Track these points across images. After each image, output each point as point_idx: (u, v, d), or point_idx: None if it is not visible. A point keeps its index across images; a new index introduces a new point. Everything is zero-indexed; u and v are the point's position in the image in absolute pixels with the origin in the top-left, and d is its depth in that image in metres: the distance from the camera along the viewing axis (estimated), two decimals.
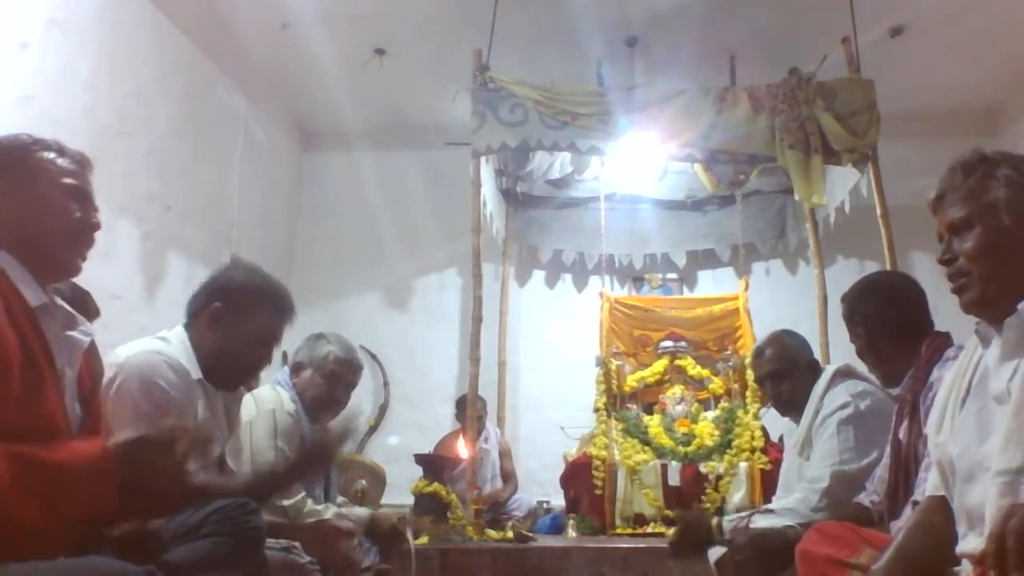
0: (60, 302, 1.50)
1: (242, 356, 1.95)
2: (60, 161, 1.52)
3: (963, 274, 1.34)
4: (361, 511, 2.56)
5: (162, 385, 1.77)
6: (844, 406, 2.27)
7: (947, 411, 1.39)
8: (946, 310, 2.01)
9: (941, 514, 1.36)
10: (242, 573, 1.51)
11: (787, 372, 2.50)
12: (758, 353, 2.62)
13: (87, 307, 2.53)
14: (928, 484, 1.46)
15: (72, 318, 1.51)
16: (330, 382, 2.52)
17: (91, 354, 1.56)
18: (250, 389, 2.38)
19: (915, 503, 1.66)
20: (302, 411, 2.45)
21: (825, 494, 2.16)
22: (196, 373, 1.88)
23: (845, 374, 2.40)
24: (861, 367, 2.31)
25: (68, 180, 1.52)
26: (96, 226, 1.55)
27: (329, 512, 2.37)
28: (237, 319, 1.93)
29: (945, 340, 1.89)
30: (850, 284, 2.19)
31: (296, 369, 2.52)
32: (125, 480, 1.34)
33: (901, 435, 1.85)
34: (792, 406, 2.50)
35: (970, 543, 1.27)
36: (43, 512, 1.24)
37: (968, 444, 1.29)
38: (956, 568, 1.31)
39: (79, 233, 1.52)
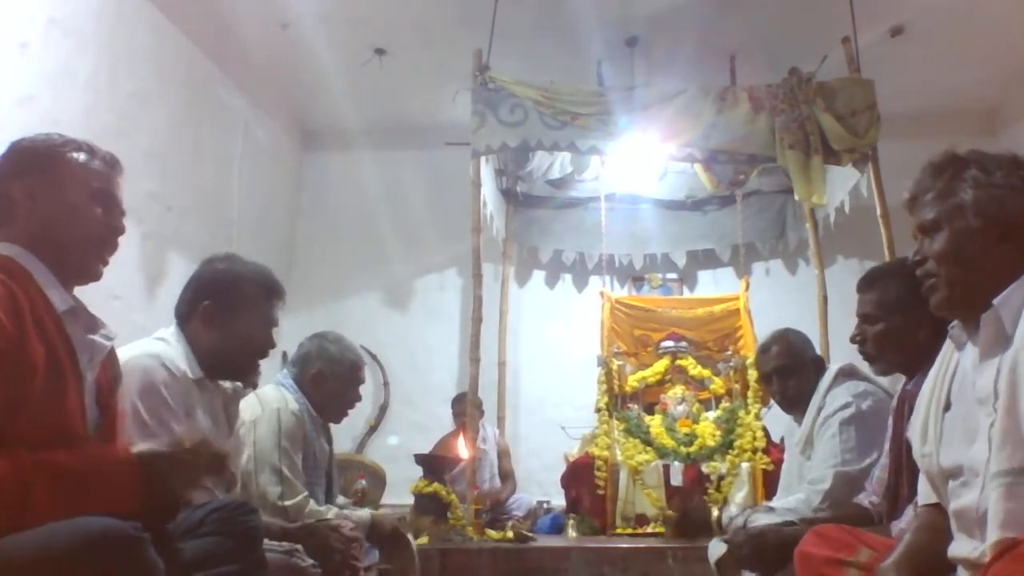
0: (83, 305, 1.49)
1: (246, 346, 1.96)
2: (90, 163, 1.51)
3: (931, 276, 1.34)
4: (363, 513, 2.56)
5: (160, 390, 1.77)
6: (846, 406, 2.27)
7: (929, 420, 1.38)
8: None
9: (941, 520, 1.35)
10: (240, 572, 1.51)
11: (794, 368, 2.51)
12: (764, 349, 2.63)
13: None
14: (920, 495, 1.46)
15: (95, 321, 1.49)
16: (349, 385, 2.57)
17: (109, 356, 1.55)
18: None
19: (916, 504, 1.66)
20: (307, 411, 2.45)
21: (827, 495, 2.16)
22: (195, 372, 1.88)
23: (848, 374, 2.40)
24: (863, 367, 2.31)
25: (96, 184, 1.50)
26: (120, 230, 1.54)
27: (331, 513, 2.36)
28: (230, 312, 1.93)
29: None
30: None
31: (316, 379, 2.51)
32: (145, 491, 1.32)
33: (907, 433, 1.83)
34: (797, 403, 2.51)
35: (963, 547, 1.26)
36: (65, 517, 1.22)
37: (956, 450, 1.29)
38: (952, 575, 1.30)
39: (104, 239, 1.50)
